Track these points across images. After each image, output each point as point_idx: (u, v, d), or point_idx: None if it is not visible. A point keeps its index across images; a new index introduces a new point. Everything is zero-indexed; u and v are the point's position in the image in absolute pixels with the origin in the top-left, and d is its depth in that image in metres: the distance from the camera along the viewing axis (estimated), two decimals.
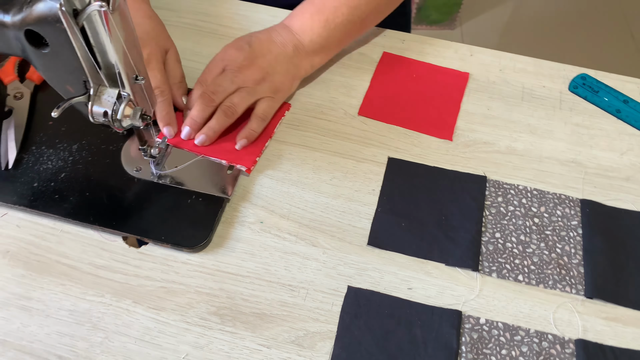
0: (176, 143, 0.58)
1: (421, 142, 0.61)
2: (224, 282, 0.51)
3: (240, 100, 0.58)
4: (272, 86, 0.60)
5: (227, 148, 0.58)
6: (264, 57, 0.60)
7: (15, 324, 0.48)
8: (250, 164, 0.57)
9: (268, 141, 0.60)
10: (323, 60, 0.65)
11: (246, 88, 0.58)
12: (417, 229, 0.55)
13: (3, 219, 0.54)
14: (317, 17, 0.62)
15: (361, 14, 0.63)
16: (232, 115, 0.58)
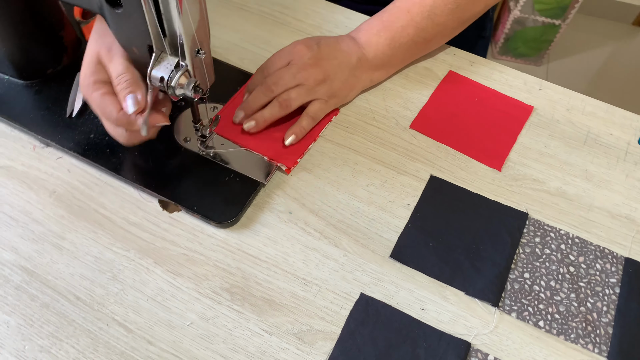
0: (223, 132, 0.60)
1: (468, 167, 0.60)
2: (242, 262, 0.52)
3: (298, 96, 0.59)
4: (330, 90, 0.61)
5: (271, 144, 0.59)
6: (329, 60, 0.61)
7: (45, 258, 0.51)
8: (291, 164, 0.58)
9: (312, 144, 0.61)
10: (383, 77, 0.66)
11: (306, 86, 0.59)
12: (443, 252, 0.53)
13: (58, 161, 0.58)
14: (383, 34, 0.62)
15: (426, 36, 0.63)
16: (286, 108, 0.59)
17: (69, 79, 0.64)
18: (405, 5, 0.62)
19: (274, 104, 0.59)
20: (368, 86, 0.65)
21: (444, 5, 0.61)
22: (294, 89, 0.59)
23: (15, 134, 0.60)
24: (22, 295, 0.49)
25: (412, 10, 0.62)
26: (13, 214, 0.54)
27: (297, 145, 0.60)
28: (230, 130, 0.60)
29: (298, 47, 0.62)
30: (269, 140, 0.60)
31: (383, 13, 0.64)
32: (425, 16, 0.61)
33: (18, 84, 0.63)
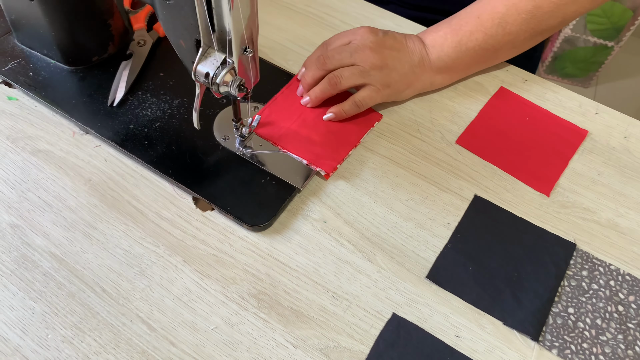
0: (262, 133, 0.59)
1: (515, 189, 0.57)
2: (271, 268, 0.50)
3: (350, 75, 0.58)
4: (386, 79, 0.59)
5: (310, 148, 0.58)
6: (391, 51, 0.59)
7: (76, 247, 0.51)
8: (330, 169, 0.56)
9: (352, 150, 0.59)
10: (444, 82, 0.63)
11: (361, 67, 0.58)
12: (483, 278, 0.51)
13: (95, 149, 0.58)
14: (450, 36, 0.60)
15: (495, 44, 0.60)
16: (335, 85, 0.58)
17: (113, 68, 0.63)
18: (475, 10, 0.60)
19: (324, 80, 0.59)
20: (427, 89, 0.63)
21: (517, 15, 0.58)
22: (348, 67, 0.58)
23: (56, 119, 0.60)
24: (50, 282, 0.49)
25: (482, 16, 0.59)
26: (48, 198, 0.54)
27: (336, 151, 0.58)
28: (269, 132, 0.59)
29: (362, 29, 0.60)
30: (309, 144, 0.58)
31: (452, 18, 0.62)
32: (496, 23, 0.59)
33: (63, 69, 0.63)
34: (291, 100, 0.62)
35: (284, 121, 0.60)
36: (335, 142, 0.59)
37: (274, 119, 0.60)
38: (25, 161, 0.56)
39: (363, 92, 0.59)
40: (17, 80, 0.62)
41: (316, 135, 0.59)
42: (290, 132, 0.59)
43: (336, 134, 0.59)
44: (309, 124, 0.60)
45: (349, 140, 0.59)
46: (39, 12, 0.58)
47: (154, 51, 0.66)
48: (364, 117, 0.61)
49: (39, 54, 0.64)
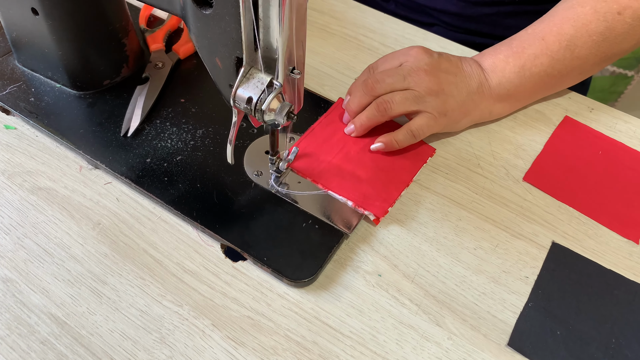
0: (300, 169, 0.50)
1: (598, 235, 0.48)
2: (320, 334, 0.41)
3: (402, 100, 0.50)
4: (442, 106, 0.51)
5: (357, 187, 0.49)
6: (447, 74, 0.52)
7: (81, 306, 0.42)
8: (381, 213, 0.48)
9: (404, 189, 0.50)
10: (505, 111, 0.56)
11: (415, 92, 0.50)
12: (576, 345, 0.42)
13: (106, 187, 0.49)
14: (512, 60, 0.53)
15: (562, 69, 0.53)
16: (384, 112, 0.51)
17: (127, 92, 0.56)
18: (539, 32, 0.53)
19: (372, 106, 0.51)
20: (485, 119, 0.56)
21: (587, 37, 0.51)
22: (400, 92, 0.50)
23: (60, 151, 0.52)
24: (49, 353, 0.39)
25: (547, 38, 0.52)
26: (48, 246, 0.45)
27: (387, 190, 0.49)
28: (307, 167, 0.51)
29: (415, 49, 0.53)
30: (354, 182, 0.50)
31: (512, 39, 0.55)
32: (564, 46, 0.52)
33: (70, 94, 0.56)
34: (332, 131, 0.54)
35: (324, 155, 0.52)
36: (384, 180, 0.50)
37: (312, 151, 0.52)
38: (23, 201, 0.48)
39: (419, 120, 0.51)
40: (16, 106, 0.54)
41: (362, 172, 0.51)
42: (331, 168, 0.51)
43: (385, 171, 0.51)
44: (352, 158, 0.52)
45: (400, 178, 0.51)
46: (45, 28, 0.50)
47: (173, 74, 0.58)
48: (415, 151, 0.53)
49: (42, 76, 0.57)
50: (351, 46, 0.65)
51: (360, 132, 0.52)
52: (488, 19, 0.72)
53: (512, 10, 0.71)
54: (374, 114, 0.51)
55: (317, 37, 0.65)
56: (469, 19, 0.73)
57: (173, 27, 0.63)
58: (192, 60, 0.60)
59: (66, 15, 0.50)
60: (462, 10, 0.71)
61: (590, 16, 0.51)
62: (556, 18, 0.53)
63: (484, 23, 0.73)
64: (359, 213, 0.48)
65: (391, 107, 0.50)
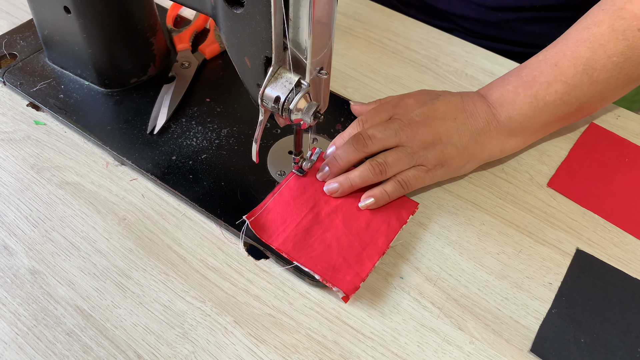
0: (264, 237, 0.45)
1: (623, 243, 0.48)
2: (341, 335, 0.41)
3: (396, 161, 0.47)
4: (439, 157, 0.48)
5: (327, 258, 0.43)
6: (444, 120, 0.48)
7: (106, 300, 0.42)
8: (351, 290, 0.41)
9: (379, 259, 0.44)
10: (519, 146, 0.52)
11: (408, 148, 0.47)
12: (600, 353, 0.41)
13: (132, 183, 0.50)
14: (522, 90, 0.49)
15: (581, 96, 0.49)
16: (379, 175, 0.46)
17: (153, 91, 0.56)
18: (551, 57, 0.49)
19: (365, 166, 0.46)
20: (496, 157, 0.51)
21: (606, 58, 0.47)
22: (393, 150, 0.47)
23: (88, 147, 0.53)
24: (74, 344, 0.40)
25: (560, 64, 0.48)
26: (75, 240, 0.46)
27: (360, 262, 0.43)
28: (273, 233, 0.45)
29: (407, 99, 0.50)
30: (324, 250, 0.44)
31: (522, 68, 0.51)
32: (580, 70, 0.48)
33: (98, 91, 0.56)
34: (301, 187, 0.48)
35: (292, 216, 0.46)
36: (358, 248, 0.44)
37: (278, 213, 0.46)
38: (51, 195, 0.49)
39: (409, 173, 0.47)
40: (46, 102, 0.55)
41: (333, 238, 0.45)
42: (298, 233, 0.45)
43: (359, 236, 0.45)
44: (323, 220, 0.46)
45: (376, 245, 0.44)
46: (76, 27, 0.51)
47: (199, 74, 0.59)
48: (395, 209, 0.47)
49: (71, 74, 0.58)
50: (375, 49, 0.65)
51: (346, 192, 0.47)
52: (507, 24, 0.71)
53: (532, 17, 0.70)
54: (369, 176, 0.46)
55: (341, 39, 0.66)
56: (488, 25, 0.72)
57: (199, 28, 0.63)
58: (217, 60, 0.61)
59: (97, 14, 0.51)
60: (481, 16, 0.71)
61: (608, 35, 0.47)
62: (570, 41, 0.49)
63: (504, 29, 0.72)
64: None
65: (386, 170, 0.46)
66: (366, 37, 0.66)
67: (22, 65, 0.58)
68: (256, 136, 0.42)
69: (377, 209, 0.47)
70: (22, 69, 0.58)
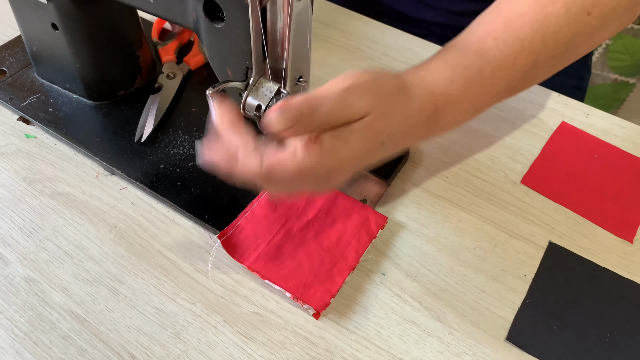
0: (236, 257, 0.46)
1: (593, 235, 0.50)
2: (326, 330, 0.43)
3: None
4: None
5: (299, 275, 0.45)
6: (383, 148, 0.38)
7: (100, 304, 0.44)
8: (321, 307, 0.43)
9: (349, 274, 0.46)
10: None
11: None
12: (572, 339, 0.43)
13: (122, 192, 0.52)
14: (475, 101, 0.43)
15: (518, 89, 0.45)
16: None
17: (140, 102, 0.58)
18: (512, 52, 0.42)
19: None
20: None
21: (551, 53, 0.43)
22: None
23: (78, 158, 0.54)
24: (70, 347, 0.42)
25: (517, 61, 0.42)
26: (68, 248, 0.47)
27: (331, 278, 0.45)
28: (245, 252, 0.46)
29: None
30: (295, 267, 0.45)
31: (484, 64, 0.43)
32: (527, 70, 0.43)
33: (87, 104, 0.58)
34: (273, 205, 0.49)
35: (264, 234, 0.47)
36: (328, 264, 0.46)
37: (250, 231, 0.47)
38: (44, 205, 0.50)
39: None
40: (36, 116, 0.57)
41: (304, 254, 0.46)
42: (270, 250, 0.46)
43: (330, 252, 0.46)
44: (294, 236, 0.47)
45: (346, 260, 0.46)
46: (64, 42, 0.53)
47: (185, 85, 0.61)
48: (364, 224, 0.48)
49: (60, 88, 0.59)
50: (354, 56, 0.67)
51: None
52: None
53: None
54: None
55: (322, 48, 0.68)
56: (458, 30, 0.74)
57: (184, 40, 0.65)
58: (202, 71, 0.63)
59: (84, 30, 0.52)
60: (451, 22, 0.74)
61: (562, 19, 0.42)
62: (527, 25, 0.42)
63: None
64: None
65: None
66: (345, 45, 0.68)
67: (12, 81, 0.60)
68: None
69: (347, 224, 0.48)
70: (12, 84, 0.60)
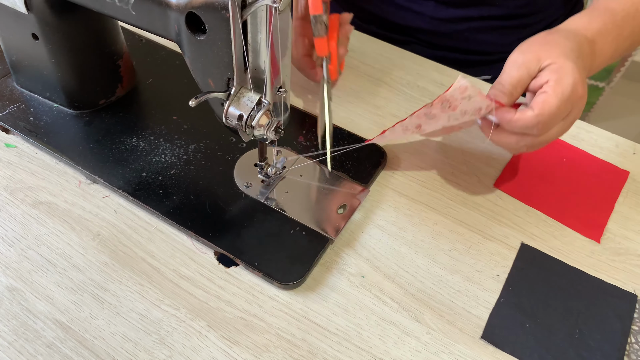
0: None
1: (562, 235, 0.53)
2: (308, 332, 0.45)
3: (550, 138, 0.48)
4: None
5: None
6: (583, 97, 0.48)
7: (84, 312, 0.45)
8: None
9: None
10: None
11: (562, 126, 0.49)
12: (543, 336, 0.45)
13: (104, 200, 0.52)
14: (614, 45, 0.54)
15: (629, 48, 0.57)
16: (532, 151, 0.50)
17: (122, 111, 0.59)
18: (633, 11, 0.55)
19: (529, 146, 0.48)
20: None
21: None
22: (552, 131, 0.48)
23: (60, 167, 0.55)
24: (55, 355, 0.42)
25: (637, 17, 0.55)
26: (51, 257, 0.48)
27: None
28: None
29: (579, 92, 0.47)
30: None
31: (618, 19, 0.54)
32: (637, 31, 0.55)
33: (67, 113, 0.59)
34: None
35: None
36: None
37: None
38: (25, 215, 0.51)
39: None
40: (16, 125, 0.57)
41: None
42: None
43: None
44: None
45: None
46: (45, 52, 0.54)
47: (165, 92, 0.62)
48: None
49: (40, 97, 0.60)
50: None
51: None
52: (461, 35, 0.77)
53: (481, 26, 0.76)
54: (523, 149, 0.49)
55: None
56: (442, 36, 0.77)
57: None
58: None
59: (65, 41, 0.53)
60: (435, 28, 0.76)
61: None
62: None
63: (457, 39, 0.77)
64: (344, 219, 0.50)
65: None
66: None
67: None
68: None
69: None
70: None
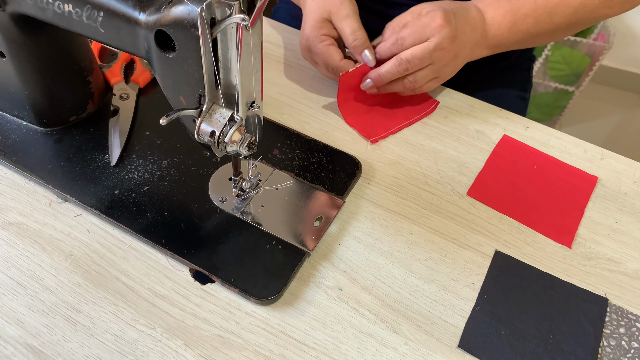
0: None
1: (535, 242, 0.54)
2: (286, 347, 0.44)
3: (424, 79, 0.59)
4: (452, 70, 0.61)
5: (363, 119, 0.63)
6: (461, 38, 0.58)
7: (57, 335, 0.44)
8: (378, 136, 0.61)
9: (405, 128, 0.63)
10: (485, 54, 0.64)
11: (435, 66, 0.58)
12: (518, 342, 0.46)
13: (76, 219, 0.51)
14: (509, 16, 0.61)
15: (540, 31, 0.62)
16: (410, 90, 0.61)
17: (93, 127, 0.58)
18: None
19: (398, 85, 0.60)
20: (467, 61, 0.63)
21: (565, 7, 0.60)
22: (424, 70, 0.59)
23: (30, 187, 0.54)
24: None
25: (538, 2, 0.60)
26: (21, 279, 0.47)
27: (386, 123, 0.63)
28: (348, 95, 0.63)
29: (438, 21, 0.56)
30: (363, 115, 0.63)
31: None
32: (547, 11, 0.60)
33: (37, 131, 0.58)
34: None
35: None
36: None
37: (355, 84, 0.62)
38: None
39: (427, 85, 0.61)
40: None
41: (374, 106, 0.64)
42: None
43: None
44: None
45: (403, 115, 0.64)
46: (12, 70, 0.53)
47: (137, 106, 0.61)
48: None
49: (8, 115, 0.59)
50: (306, 76, 0.69)
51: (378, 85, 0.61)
52: None
53: None
54: (400, 89, 0.61)
55: (274, 68, 0.69)
56: None
57: (127, 60, 0.65)
58: (151, 87, 0.63)
59: (32, 58, 0.52)
60: None
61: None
62: None
63: None
64: (319, 231, 0.51)
65: (415, 88, 0.61)
66: (298, 66, 0.70)
67: None
68: None
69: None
70: None
